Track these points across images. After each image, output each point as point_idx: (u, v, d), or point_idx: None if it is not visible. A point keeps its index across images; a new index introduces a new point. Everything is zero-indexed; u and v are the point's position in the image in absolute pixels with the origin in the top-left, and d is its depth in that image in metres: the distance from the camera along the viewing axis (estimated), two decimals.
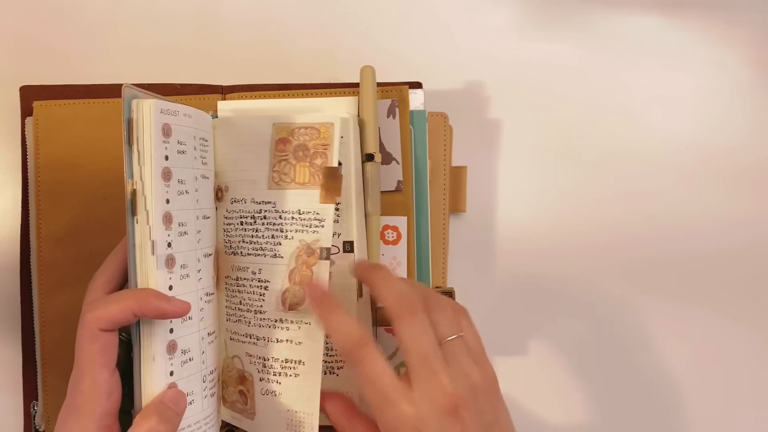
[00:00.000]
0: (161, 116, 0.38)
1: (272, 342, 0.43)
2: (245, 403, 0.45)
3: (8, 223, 0.51)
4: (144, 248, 0.37)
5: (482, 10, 0.55)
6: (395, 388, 0.35)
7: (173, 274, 0.38)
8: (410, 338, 0.36)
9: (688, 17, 0.55)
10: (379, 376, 0.36)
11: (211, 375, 0.42)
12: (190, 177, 0.40)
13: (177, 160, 0.39)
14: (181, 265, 0.39)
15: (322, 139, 0.43)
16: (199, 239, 0.41)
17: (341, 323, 0.37)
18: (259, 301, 0.43)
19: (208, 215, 0.43)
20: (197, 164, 0.41)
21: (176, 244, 0.39)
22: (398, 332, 0.36)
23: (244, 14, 0.54)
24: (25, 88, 0.48)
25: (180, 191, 0.39)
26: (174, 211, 0.39)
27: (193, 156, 0.41)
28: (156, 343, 0.38)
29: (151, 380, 0.38)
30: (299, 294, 0.42)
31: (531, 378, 0.53)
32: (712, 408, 0.54)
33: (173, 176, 0.39)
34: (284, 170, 0.43)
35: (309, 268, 0.42)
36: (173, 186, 0.39)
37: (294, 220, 0.42)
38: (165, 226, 0.38)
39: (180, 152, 0.39)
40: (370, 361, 0.36)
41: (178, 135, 0.39)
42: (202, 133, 0.42)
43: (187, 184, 0.40)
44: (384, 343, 0.46)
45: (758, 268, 0.54)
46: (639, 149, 0.54)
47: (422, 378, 0.35)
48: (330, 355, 0.45)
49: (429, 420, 0.34)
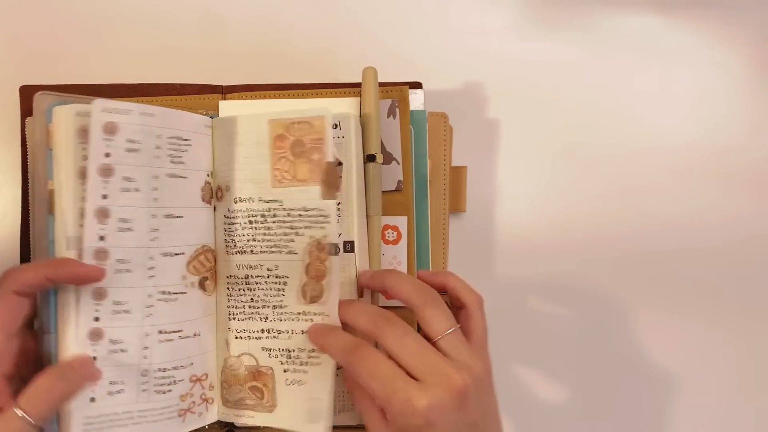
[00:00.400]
0: (103, 115, 0.40)
1: (297, 334, 0.44)
2: (261, 398, 0.45)
3: (8, 223, 0.51)
4: (60, 244, 0.40)
5: (482, 10, 0.55)
6: (399, 377, 0.36)
7: (105, 266, 0.40)
8: (395, 343, 0.37)
9: (688, 17, 0.55)
10: (381, 368, 0.36)
11: (162, 372, 0.43)
12: (143, 175, 0.41)
13: (124, 157, 0.40)
14: (119, 260, 0.41)
15: (316, 133, 0.43)
16: (154, 237, 0.42)
17: (334, 338, 0.40)
18: (278, 296, 0.44)
19: (179, 215, 0.43)
20: (161, 163, 0.42)
21: (113, 238, 0.40)
22: (383, 345, 0.37)
23: (244, 14, 0.54)
24: (26, 88, 0.48)
25: (125, 188, 0.40)
26: (113, 207, 0.40)
27: (152, 155, 0.42)
28: (76, 328, 0.40)
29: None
30: (317, 288, 0.43)
31: (531, 378, 0.53)
32: (720, 405, 0.54)
33: (116, 173, 0.40)
34: (285, 168, 0.44)
35: (322, 263, 0.43)
36: (114, 182, 0.40)
37: (302, 218, 0.44)
38: (98, 220, 0.40)
39: (130, 150, 0.41)
40: (369, 357, 0.37)
41: (129, 134, 0.40)
42: (173, 132, 0.43)
43: (137, 182, 0.41)
44: None
45: (757, 266, 0.54)
46: (639, 149, 0.54)
47: (424, 371, 0.36)
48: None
49: (439, 406, 0.35)
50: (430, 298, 0.39)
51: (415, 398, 0.35)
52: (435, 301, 0.39)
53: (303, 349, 0.44)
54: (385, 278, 0.41)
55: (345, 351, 0.38)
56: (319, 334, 0.41)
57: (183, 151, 0.43)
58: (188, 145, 0.44)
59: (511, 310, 0.53)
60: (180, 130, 0.43)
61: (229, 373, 0.46)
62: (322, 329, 0.42)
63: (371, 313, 0.39)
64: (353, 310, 0.41)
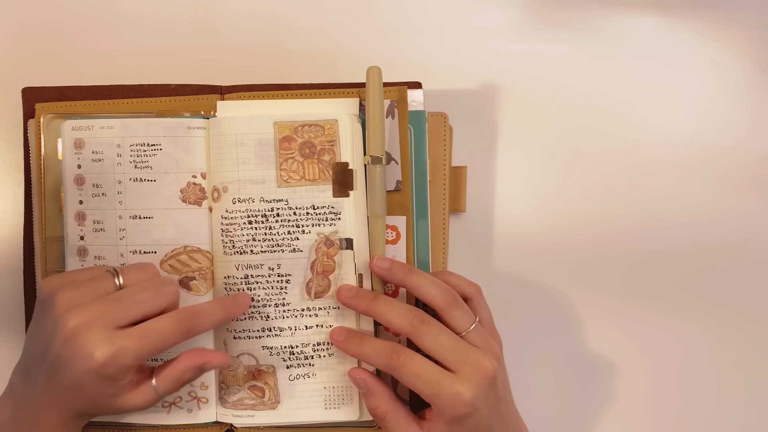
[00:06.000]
0: (73, 132, 0.46)
1: (300, 330, 0.46)
2: (262, 396, 0.46)
3: (8, 224, 0.52)
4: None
5: (482, 10, 0.55)
6: (443, 375, 0.39)
7: (85, 263, 0.46)
8: (433, 342, 0.40)
9: (687, 17, 0.55)
10: (424, 370, 0.40)
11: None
12: (109, 181, 0.46)
13: (91, 167, 0.46)
14: (96, 257, 0.46)
15: (327, 135, 0.45)
16: (122, 236, 0.46)
17: (371, 346, 0.42)
18: (281, 294, 0.46)
19: (147, 215, 0.46)
20: (125, 169, 0.46)
21: (90, 238, 0.46)
22: (421, 345, 0.41)
23: (244, 14, 0.54)
24: (28, 89, 0.48)
25: (95, 194, 0.46)
26: (88, 210, 0.46)
27: (115, 162, 0.46)
28: None
29: None
30: (323, 283, 0.45)
31: (531, 377, 0.53)
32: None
33: (86, 181, 0.46)
34: (292, 168, 0.45)
35: (331, 258, 0.45)
36: (87, 189, 0.46)
37: (309, 216, 0.45)
38: (78, 222, 0.46)
39: (95, 161, 0.46)
40: (410, 361, 0.40)
41: (93, 146, 0.46)
42: (136, 140, 0.46)
43: (104, 188, 0.46)
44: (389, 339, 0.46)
45: (756, 265, 0.54)
46: (638, 149, 0.54)
47: (461, 364, 0.40)
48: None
49: (479, 392, 0.39)
50: (453, 299, 0.42)
51: (461, 392, 0.39)
52: (457, 302, 0.42)
53: (307, 344, 0.46)
54: (408, 278, 0.43)
55: (386, 357, 0.41)
56: (350, 343, 0.43)
57: (150, 156, 0.46)
58: (157, 150, 0.46)
59: (510, 309, 0.52)
60: (146, 137, 0.46)
61: (226, 373, 0.46)
62: (352, 338, 0.43)
63: (405, 314, 0.41)
64: (383, 308, 0.42)
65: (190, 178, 0.46)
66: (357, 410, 0.46)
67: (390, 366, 0.40)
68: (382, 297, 0.43)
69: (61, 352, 0.37)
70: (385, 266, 0.44)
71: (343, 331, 0.44)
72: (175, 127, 0.46)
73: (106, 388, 0.38)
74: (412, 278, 0.43)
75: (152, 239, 0.46)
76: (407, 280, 0.43)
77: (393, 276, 0.44)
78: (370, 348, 0.42)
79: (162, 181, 0.46)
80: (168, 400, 0.46)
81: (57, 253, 0.47)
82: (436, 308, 0.42)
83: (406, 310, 0.41)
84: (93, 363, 0.37)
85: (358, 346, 0.43)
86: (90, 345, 0.37)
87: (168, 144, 0.46)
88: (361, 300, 0.43)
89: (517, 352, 0.49)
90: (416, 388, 0.40)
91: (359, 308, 0.44)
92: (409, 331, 0.41)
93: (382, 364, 0.41)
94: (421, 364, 0.40)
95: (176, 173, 0.46)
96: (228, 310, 0.43)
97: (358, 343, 0.43)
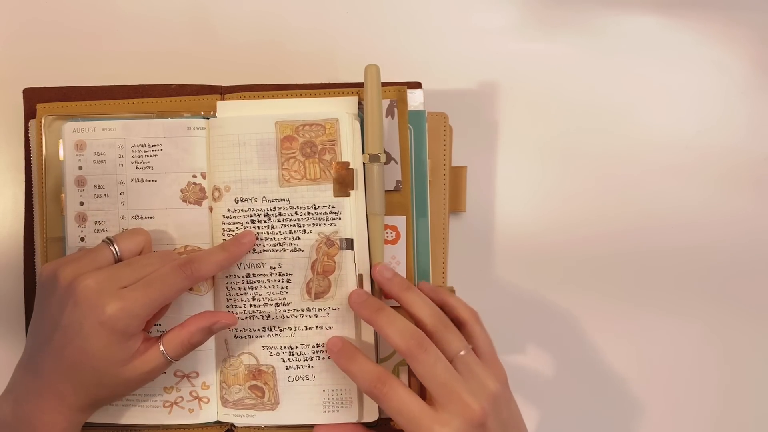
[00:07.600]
0: (74, 134, 0.46)
1: (300, 330, 0.46)
2: (261, 397, 0.46)
3: (8, 224, 0.52)
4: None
5: (482, 10, 0.55)
6: (425, 413, 0.38)
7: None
8: (426, 371, 0.39)
9: (687, 17, 0.55)
10: (406, 406, 0.39)
11: None
12: (112, 182, 0.46)
13: (93, 168, 0.46)
14: None
15: (328, 135, 0.46)
16: None
17: (359, 367, 0.41)
18: (281, 294, 0.46)
19: (149, 216, 0.46)
20: (127, 170, 0.46)
21: (91, 238, 0.46)
22: (414, 369, 0.40)
23: (244, 15, 0.54)
24: (29, 90, 0.49)
25: (97, 195, 0.46)
26: (89, 211, 0.46)
27: (117, 163, 0.46)
28: None
29: None
30: (323, 283, 0.45)
31: (531, 377, 0.53)
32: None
33: (88, 182, 0.46)
34: (293, 167, 0.46)
35: (331, 258, 0.45)
36: (88, 191, 0.46)
37: (310, 215, 0.45)
38: (78, 224, 0.46)
39: (97, 162, 0.46)
40: (394, 394, 0.39)
41: (95, 147, 0.46)
42: (137, 141, 0.46)
43: (106, 189, 0.46)
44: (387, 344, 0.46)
45: (756, 265, 0.54)
46: (638, 149, 0.54)
47: (447, 402, 0.38)
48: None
49: None
50: (441, 323, 0.41)
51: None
52: (446, 327, 0.41)
53: (307, 345, 0.46)
54: (404, 293, 0.43)
55: (370, 383, 0.40)
56: (341, 357, 0.43)
57: (151, 156, 0.46)
58: (158, 150, 0.46)
59: (510, 309, 0.53)
60: (147, 137, 0.46)
61: (228, 372, 0.46)
62: (344, 352, 0.43)
63: (404, 334, 0.40)
64: (384, 321, 0.41)
65: (191, 178, 0.46)
66: (356, 413, 0.46)
67: (373, 394, 0.40)
68: (387, 310, 0.42)
69: (72, 316, 0.38)
70: (387, 276, 0.44)
71: (338, 342, 0.44)
72: (176, 127, 0.46)
73: (116, 351, 0.39)
74: (407, 295, 0.43)
75: (153, 239, 0.46)
76: (402, 296, 0.43)
77: (391, 287, 0.44)
78: (358, 368, 0.41)
79: (163, 181, 0.46)
80: (169, 400, 0.46)
81: (58, 254, 0.47)
82: (423, 329, 0.41)
83: (407, 330, 0.40)
84: (104, 316, 0.38)
85: (347, 363, 0.42)
86: (101, 300, 0.38)
87: (168, 144, 0.46)
88: (367, 309, 0.43)
89: (517, 353, 0.49)
90: (396, 421, 0.39)
91: (363, 316, 0.43)
92: (405, 352, 0.40)
93: (366, 389, 0.40)
94: (404, 400, 0.39)
95: (176, 173, 0.46)
96: (231, 252, 0.43)
97: (349, 359, 0.42)
